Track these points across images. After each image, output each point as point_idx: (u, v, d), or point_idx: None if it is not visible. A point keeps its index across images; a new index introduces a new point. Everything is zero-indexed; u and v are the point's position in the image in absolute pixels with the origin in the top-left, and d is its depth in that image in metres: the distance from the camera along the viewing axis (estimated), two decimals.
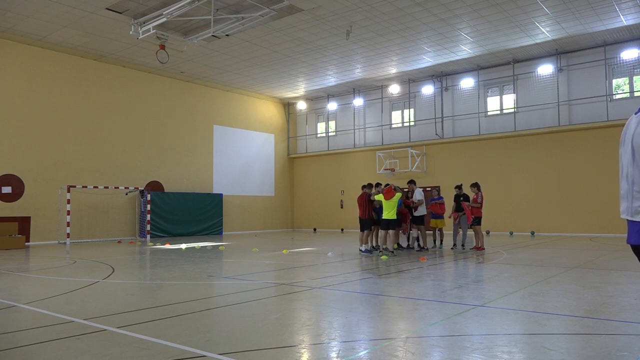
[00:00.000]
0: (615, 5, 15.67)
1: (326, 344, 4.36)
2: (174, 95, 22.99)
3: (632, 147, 2.62)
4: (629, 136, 2.67)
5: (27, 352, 4.20)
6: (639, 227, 2.54)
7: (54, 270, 10.20)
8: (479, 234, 13.43)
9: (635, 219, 2.56)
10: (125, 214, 20.89)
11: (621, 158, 2.74)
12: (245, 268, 10.42)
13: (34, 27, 16.63)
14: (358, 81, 24.57)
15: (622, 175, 2.73)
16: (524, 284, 7.53)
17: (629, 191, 2.62)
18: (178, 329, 4.89)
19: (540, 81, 20.99)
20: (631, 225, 2.61)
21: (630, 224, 2.62)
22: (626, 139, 2.72)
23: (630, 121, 2.81)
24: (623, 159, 2.70)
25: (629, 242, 2.68)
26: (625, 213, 2.65)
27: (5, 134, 17.50)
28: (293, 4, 15.06)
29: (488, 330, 4.78)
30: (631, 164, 2.62)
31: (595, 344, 4.23)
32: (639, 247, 2.63)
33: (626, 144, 2.69)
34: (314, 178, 28.19)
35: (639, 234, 2.55)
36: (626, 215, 2.65)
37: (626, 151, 2.67)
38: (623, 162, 2.71)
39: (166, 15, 15.06)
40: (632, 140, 2.61)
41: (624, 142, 2.74)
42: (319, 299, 6.67)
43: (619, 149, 2.83)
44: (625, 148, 2.68)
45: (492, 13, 16.09)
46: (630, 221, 2.62)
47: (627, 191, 2.65)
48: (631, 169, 2.61)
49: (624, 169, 2.67)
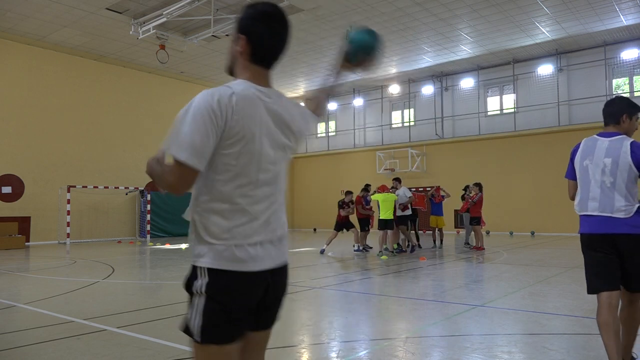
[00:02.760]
0: (615, 5, 15.67)
1: (326, 344, 4.36)
2: (174, 95, 22.98)
3: (616, 164, 3.28)
4: (601, 153, 3.35)
5: (27, 352, 4.20)
6: (618, 221, 3.25)
7: (54, 270, 10.20)
8: (478, 234, 13.44)
9: (616, 215, 3.25)
10: (125, 214, 20.88)
11: (587, 169, 3.40)
12: None
13: (34, 27, 16.63)
14: (358, 81, 24.56)
15: (592, 181, 3.36)
16: (524, 284, 7.53)
17: (609, 197, 3.29)
18: (178, 329, 4.89)
19: (540, 81, 20.99)
20: (606, 220, 3.28)
21: (607, 220, 3.28)
22: (595, 155, 3.38)
23: (596, 142, 3.43)
24: (594, 170, 3.36)
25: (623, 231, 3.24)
26: (602, 211, 3.30)
27: (5, 134, 17.50)
28: (293, 4, 15.05)
29: (488, 330, 4.78)
30: (611, 175, 3.30)
31: (595, 344, 4.23)
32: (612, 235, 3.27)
33: (597, 159, 3.36)
34: (314, 178, 28.19)
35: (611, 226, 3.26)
36: (605, 212, 3.29)
37: (598, 163, 3.35)
38: (592, 172, 3.37)
39: (166, 15, 15.06)
40: (618, 160, 3.28)
41: (593, 155, 3.39)
42: (319, 299, 6.67)
43: (583, 161, 3.44)
44: (598, 160, 3.35)
45: (492, 13, 16.09)
46: (606, 218, 3.28)
47: (602, 195, 3.31)
48: (611, 178, 3.29)
49: (599, 178, 3.33)
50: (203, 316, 1.71)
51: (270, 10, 1.84)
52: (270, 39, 1.83)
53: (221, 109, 1.66)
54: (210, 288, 1.71)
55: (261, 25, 1.82)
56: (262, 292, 1.81)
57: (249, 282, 1.75)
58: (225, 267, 1.71)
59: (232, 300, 1.72)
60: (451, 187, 17.85)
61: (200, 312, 1.72)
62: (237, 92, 1.71)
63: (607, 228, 3.27)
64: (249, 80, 1.80)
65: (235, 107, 1.68)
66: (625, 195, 3.26)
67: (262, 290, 1.81)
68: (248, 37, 1.82)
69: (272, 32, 1.83)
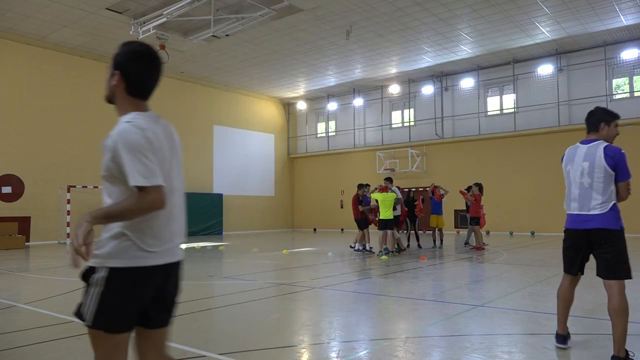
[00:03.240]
0: (615, 5, 15.67)
1: (326, 344, 4.36)
2: (174, 95, 22.97)
3: (592, 167, 3.77)
4: (580, 158, 3.88)
5: (27, 352, 4.20)
6: (594, 217, 3.79)
7: (54, 270, 10.19)
8: (478, 233, 13.45)
9: (593, 212, 3.79)
10: None
11: (569, 173, 3.96)
12: (245, 268, 10.42)
13: (34, 27, 16.63)
14: (358, 81, 24.57)
15: (573, 183, 3.92)
16: (524, 284, 7.53)
17: (586, 196, 3.82)
18: (178, 329, 4.88)
19: (540, 81, 20.98)
20: (584, 217, 3.84)
21: (584, 217, 3.83)
22: (576, 160, 3.91)
23: (577, 149, 3.94)
24: (574, 174, 3.90)
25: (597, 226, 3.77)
26: (581, 210, 3.86)
27: (5, 134, 17.50)
28: (293, 4, 15.05)
29: (488, 330, 4.78)
30: (589, 176, 3.79)
31: (595, 344, 4.23)
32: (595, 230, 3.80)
33: (577, 163, 3.88)
34: (314, 178, 28.18)
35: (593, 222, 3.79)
36: (583, 211, 3.85)
37: (578, 167, 3.86)
38: (573, 175, 3.91)
39: (166, 15, 15.06)
40: (594, 163, 3.76)
41: (574, 160, 3.92)
42: (319, 299, 6.67)
43: (566, 166, 4.00)
44: (577, 165, 3.87)
45: (492, 13, 16.09)
46: (584, 215, 3.83)
47: (580, 195, 3.85)
48: (589, 180, 3.79)
49: (578, 180, 3.86)
50: (98, 304, 1.95)
51: (141, 49, 2.09)
52: (141, 75, 2.08)
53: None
54: (108, 280, 1.95)
55: (133, 62, 2.07)
56: (156, 286, 2.04)
57: (145, 276, 1.99)
58: (123, 264, 1.95)
59: (128, 292, 1.95)
60: (451, 187, 17.85)
61: (95, 300, 1.96)
62: (144, 127, 1.99)
63: (582, 224, 3.84)
64: (135, 111, 2.06)
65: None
66: (602, 194, 3.75)
67: (157, 285, 2.04)
68: (122, 72, 2.07)
69: (143, 69, 2.08)
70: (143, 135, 1.95)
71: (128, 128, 1.94)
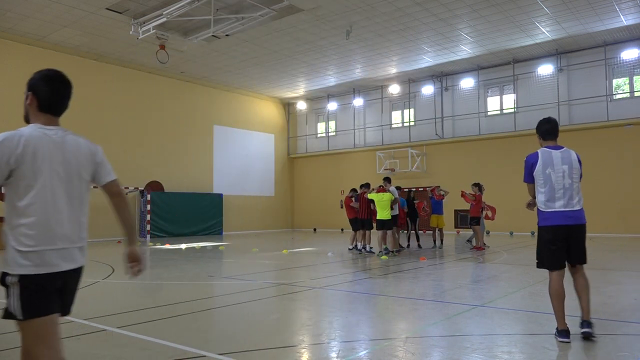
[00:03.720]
0: (615, 5, 15.67)
1: (326, 344, 4.37)
2: (174, 95, 22.98)
3: (570, 169, 4.39)
4: (559, 162, 4.44)
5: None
6: (576, 213, 4.39)
7: None
8: (478, 234, 13.46)
9: (575, 208, 4.39)
10: None
11: (551, 175, 4.43)
12: (245, 268, 10.43)
13: (34, 27, 16.63)
14: (358, 81, 24.57)
15: (555, 184, 4.40)
16: (524, 284, 7.53)
17: (569, 195, 4.38)
18: (178, 329, 4.89)
19: (540, 81, 20.98)
20: (570, 213, 4.38)
21: (570, 213, 4.37)
22: (555, 164, 4.43)
23: (551, 154, 4.49)
24: (556, 176, 4.41)
25: (580, 222, 4.41)
26: (567, 207, 4.37)
27: None
28: (293, 4, 15.05)
29: (488, 330, 4.79)
30: (569, 177, 4.39)
31: (595, 344, 4.23)
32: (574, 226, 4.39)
33: (557, 167, 4.41)
34: (314, 178, 28.18)
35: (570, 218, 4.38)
36: (569, 208, 4.38)
37: (558, 170, 4.41)
38: (555, 177, 4.41)
39: (166, 15, 15.06)
40: (572, 166, 4.40)
41: (553, 164, 4.43)
42: (319, 299, 6.68)
43: (545, 170, 4.47)
44: (558, 168, 4.41)
45: (492, 13, 16.09)
46: (570, 211, 4.37)
47: (565, 194, 4.38)
48: (569, 180, 4.38)
49: (561, 181, 4.38)
50: (20, 299, 2.24)
51: (50, 73, 2.52)
52: (50, 94, 2.49)
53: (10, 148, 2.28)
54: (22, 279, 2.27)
55: (43, 84, 2.48)
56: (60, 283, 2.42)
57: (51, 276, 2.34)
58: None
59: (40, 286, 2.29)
60: (451, 187, 17.86)
61: (17, 297, 2.25)
62: (24, 134, 2.35)
63: (569, 220, 4.37)
64: (39, 124, 2.45)
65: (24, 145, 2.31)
66: (578, 193, 4.44)
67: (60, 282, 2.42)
68: (34, 93, 2.48)
69: (52, 89, 2.50)
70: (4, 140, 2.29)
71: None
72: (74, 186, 2.46)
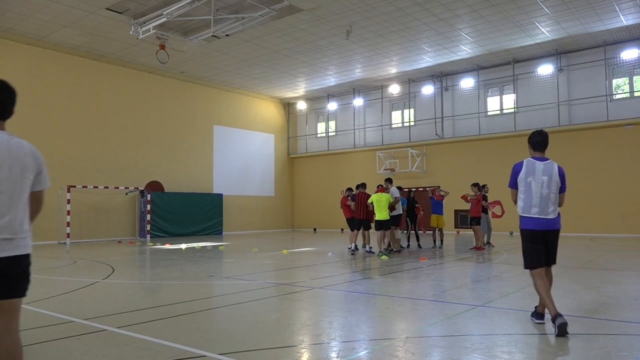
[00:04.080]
0: (615, 5, 15.67)
1: (326, 344, 4.37)
2: (174, 95, 22.98)
3: (550, 180, 4.77)
4: (540, 173, 4.82)
5: (27, 352, 4.19)
6: (549, 221, 4.80)
7: (54, 270, 10.20)
8: (478, 234, 13.46)
9: (549, 217, 4.79)
10: (125, 214, 20.88)
11: (532, 184, 4.82)
12: (245, 268, 10.43)
13: (34, 27, 16.63)
14: (358, 81, 24.57)
15: (534, 192, 4.79)
16: (524, 284, 7.52)
17: (545, 204, 4.77)
18: (178, 329, 4.89)
19: (540, 81, 20.98)
20: (544, 220, 4.80)
21: (545, 220, 4.80)
22: (536, 174, 4.81)
23: (535, 164, 4.87)
24: (536, 185, 4.79)
25: (554, 228, 4.84)
26: (542, 214, 4.78)
27: None
28: (293, 4, 15.05)
29: (488, 330, 4.79)
30: (547, 188, 4.77)
31: (595, 344, 4.23)
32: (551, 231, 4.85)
33: (538, 177, 4.79)
34: (314, 178, 28.18)
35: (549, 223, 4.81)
36: (543, 215, 4.78)
37: (539, 180, 4.78)
38: (535, 186, 4.79)
39: (166, 15, 15.06)
40: (551, 178, 4.77)
41: (535, 174, 4.82)
42: (319, 299, 6.68)
43: (527, 178, 4.84)
44: (538, 178, 4.79)
45: (492, 13, 16.09)
46: (545, 219, 4.79)
47: (541, 202, 4.77)
48: (547, 191, 4.76)
49: (539, 190, 4.77)
50: None
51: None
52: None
53: None
54: None
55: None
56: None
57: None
58: None
59: None
60: (451, 187, 17.86)
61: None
62: None
63: (544, 226, 4.80)
64: None
65: None
66: (554, 202, 4.80)
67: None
68: None
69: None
70: None
71: None
72: (17, 185, 2.87)
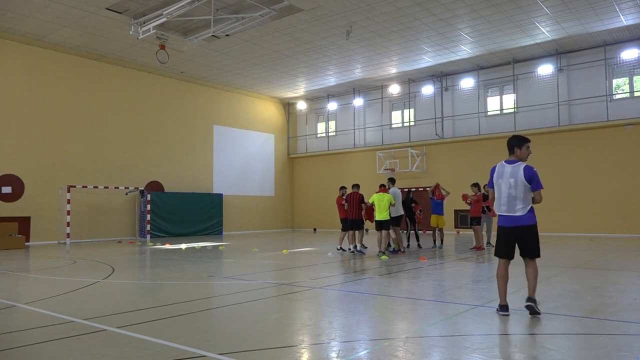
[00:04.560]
0: (615, 5, 15.67)
1: (326, 344, 4.37)
2: (174, 95, 22.99)
3: (516, 182, 5.23)
4: (507, 175, 5.33)
5: (27, 352, 4.20)
6: (516, 218, 5.26)
7: (54, 270, 10.20)
8: (478, 234, 13.46)
9: (517, 214, 5.25)
10: (125, 214, 20.88)
11: (501, 185, 5.38)
12: (245, 268, 10.43)
13: (34, 27, 16.63)
14: (358, 81, 24.57)
15: (503, 193, 5.35)
16: (524, 284, 7.50)
17: (513, 203, 5.27)
18: (178, 329, 4.89)
19: (540, 81, 20.98)
20: (512, 217, 5.29)
21: (512, 217, 5.29)
22: (504, 176, 5.35)
23: (504, 168, 5.43)
24: (504, 186, 5.33)
25: (521, 224, 5.26)
26: (509, 212, 5.29)
27: (5, 134, 17.50)
28: (293, 4, 15.05)
29: (488, 330, 4.79)
30: (514, 189, 5.24)
31: (595, 344, 4.23)
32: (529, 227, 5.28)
33: (506, 179, 5.31)
34: (314, 178, 28.18)
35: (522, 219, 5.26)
36: (510, 213, 5.29)
37: (506, 182, 5.30)
38: (503, 187, 5.34)
39: (166, 15, 15.06)
40: (517, 179, 5.22)
41: (503, 176, 5.36)
42: (319, 299, 6.67)
43: (497, 180, 5.43)
44: (506, 180, 5.31)
45: (492, 13, 16.09)
46: (512, 216, 5.29)
47: (508, 202, 5.28)
48: (514, 191, 5.23)
49: (507, 190, 5.29)
50: None
51: None
52: None
53: None
54: None
55: None
56: None
57: None
58: None
59: None
60: (451, 187, 17.85)
61: None
62: None
63: (511, 223, 5.31)
64: None
65: None
66: (522, 201, 5.23)
67: None
68: None
69: None
70: None
71: None
72: None
